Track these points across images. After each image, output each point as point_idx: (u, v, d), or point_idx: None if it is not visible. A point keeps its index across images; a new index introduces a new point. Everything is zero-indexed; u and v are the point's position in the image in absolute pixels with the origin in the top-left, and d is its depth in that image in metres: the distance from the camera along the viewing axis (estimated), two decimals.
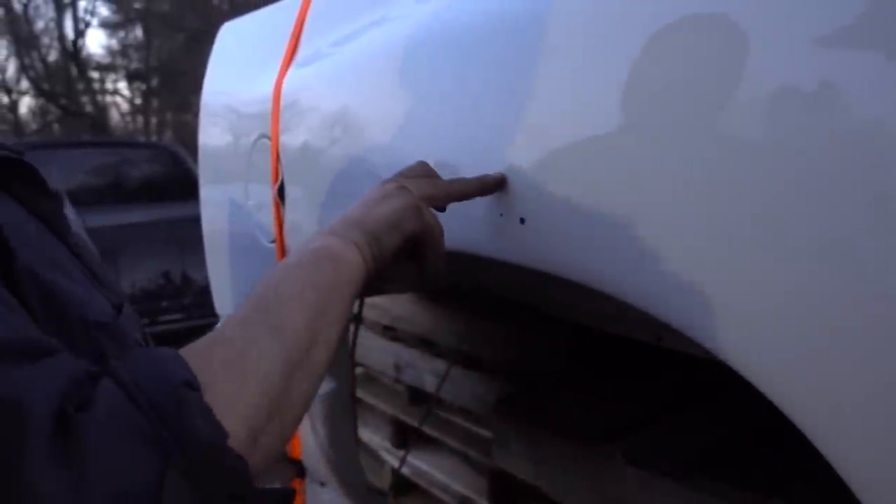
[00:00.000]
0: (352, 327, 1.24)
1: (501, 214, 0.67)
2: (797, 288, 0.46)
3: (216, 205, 1.27)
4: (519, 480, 1.01)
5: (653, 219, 0.54)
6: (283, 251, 1.03)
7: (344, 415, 1.32)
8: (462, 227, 0.72)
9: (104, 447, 0.37)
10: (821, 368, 0.46)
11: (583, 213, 0.59)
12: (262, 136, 1.07)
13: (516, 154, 0.65)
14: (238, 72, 1.23)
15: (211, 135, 1.28)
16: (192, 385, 0.42)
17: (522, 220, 0.64)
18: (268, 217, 1.06)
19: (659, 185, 0.53)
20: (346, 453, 1.31)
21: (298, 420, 0.53)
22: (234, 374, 0.47)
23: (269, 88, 1.05)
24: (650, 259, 0.54)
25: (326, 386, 1.27)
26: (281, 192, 1.01)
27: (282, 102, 1.02)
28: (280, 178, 1.01)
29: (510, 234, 0.66)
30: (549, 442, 0.92)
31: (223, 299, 1.32)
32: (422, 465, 1.40)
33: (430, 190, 0.67)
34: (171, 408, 0.40)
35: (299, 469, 1.28)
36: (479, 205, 0.69)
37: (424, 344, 1.41)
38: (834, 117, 0.44)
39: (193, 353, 0.47)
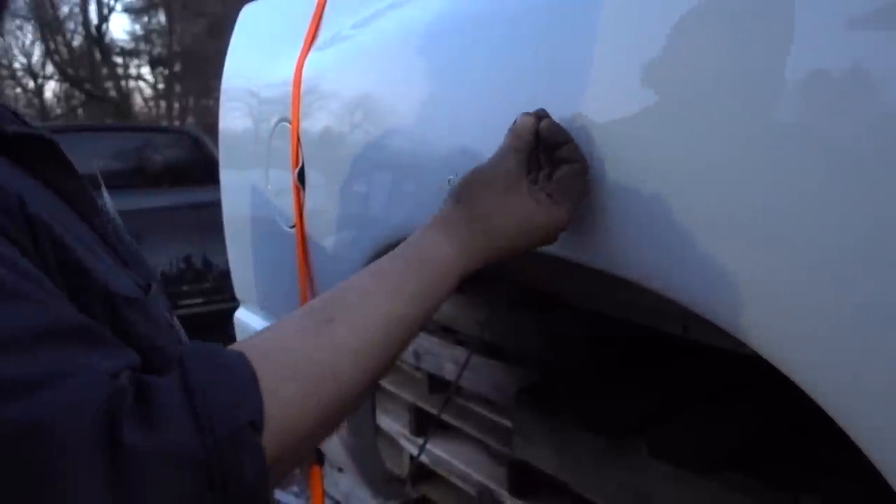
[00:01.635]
0: None
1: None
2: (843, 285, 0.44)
3: (236, 189, 1.27)
4: (539, 471, 1.00)
5: (688, 209, 0.52)
6: (302, 236, 1.02)
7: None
8: None
9: (155, 467, 0.38)
10: (863, 363, 0.44)
11: (613, 201, 0.57)
12: (283, 119, 1.05)
13: None
14: (259, 55, 1.22)
15: (231, 119, 1.27)
16: (256, 426, 0.43)
17: None
18: (287, 202, 1.04)
19: (699, 174, 0.51)
20: (363, 440, 1.30)
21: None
22: (298, 395, 0.47)
23: (289, 72, 1.04)
24: (685, 249, 0.52)
25: None
26: (301, 177, 1.00)
27: (303, 86, 1.00)
28: (300, 162, 1.00)
29: None
30: (571, 433, 0.90)
31: (243, 284, 1.32)
32: (441, 453, 1.39)
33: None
34: (230, 446, 0.41)
35: (318, 455, 1.28)
36: None
37: (445, 332, 1.40)
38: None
39: (262, 358, 0.46)
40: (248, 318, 1.29)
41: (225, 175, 1.33)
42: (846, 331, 0.44)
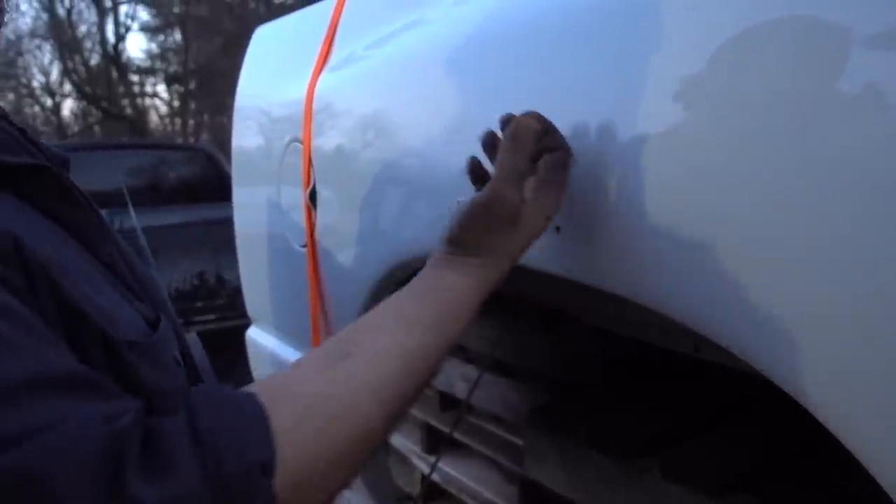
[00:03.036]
0: None
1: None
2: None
3: (248, 207, 1.28)
4: (550, 490, 0.99)
5: (691, 234, 0.52)
6: (314, 255, 1.02)
7: None
8: None
9: None
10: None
11: (620, 223, 0.57)
12: (294, 139, 1.06)
13: None
14: (272, 75, 1.23)
15: (244, 137, 1.29)
16: (266, 469, 0.41)
17: (558, 229, 0.62)
18: (299, 220, 1.05)
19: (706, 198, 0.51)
20: (373, 458, 1.30)
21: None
22: (313, 434, 0.45)
23: (301, 92, 1.05)
24: (688, 273, 0.51)
25: None
26: (312, 197, 1.01)
27: (314, 106, 1.01)
28: (312, 182, 1.01)
29: (546, 243, 0.64)
30: (584, 454, 0.90)
31: (255, 302, 1.32)
32: (452, 471, 1.38)
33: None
34: (239, 489, 0.39)
35: None
36: None
37: (456, 350, 1.39)
38: None
39: (274, 398, 0.45)
40: (260, 337, 1.30)
41: (237, 192, 1.34)
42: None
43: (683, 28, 0.53)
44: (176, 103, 17.34)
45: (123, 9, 15.83)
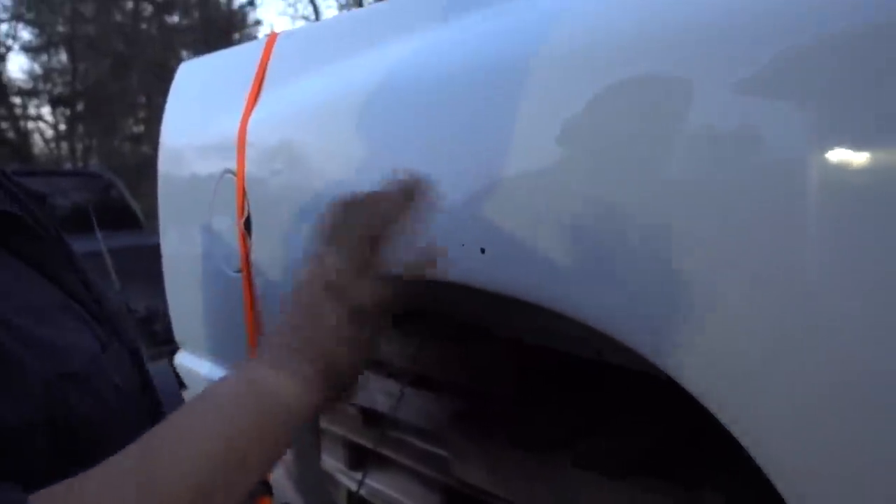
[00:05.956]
0: None
1: (463, 245, 0.75)
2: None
3: (178, 235, 1.32)
4: (469, 495, 1.09)
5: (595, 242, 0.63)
6: (249, 280, 1.09)
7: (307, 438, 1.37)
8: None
9: None
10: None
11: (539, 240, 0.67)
12: (228, 171, 1.13)
13: (470, 188, 0.74)
14: (200, 109, 1.29)
15: (172, 167, 1.33)
16: None
17: (483, 251, 0.72)
18: (233, 247, 1.11)
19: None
20: (308, 474, 1.35)
21: None
22: None
23: (233, 126, 1.12)
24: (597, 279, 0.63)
25: None
26: (247, 224, 1.07)
27: (248, 140, 1.08)
28: (246, 211, 1.07)
29: (471, 262, 0.74)
30: (505, 453, 1.00)
31: (184, 327, 1.36)
32: (377, 485, 1.45)
33: (355, 260, 0.58)
34: None
35: (266, 487, 1.32)
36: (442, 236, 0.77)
37: (375, 365, 1.47)
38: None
39: None
40: (191, 363, 1.34)
41: (165, 221, 1.38)
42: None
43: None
44: (62, 126, 16.55)
45: (2, 27, 15.03)
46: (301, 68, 1.06)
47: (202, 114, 1.28)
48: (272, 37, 1.15)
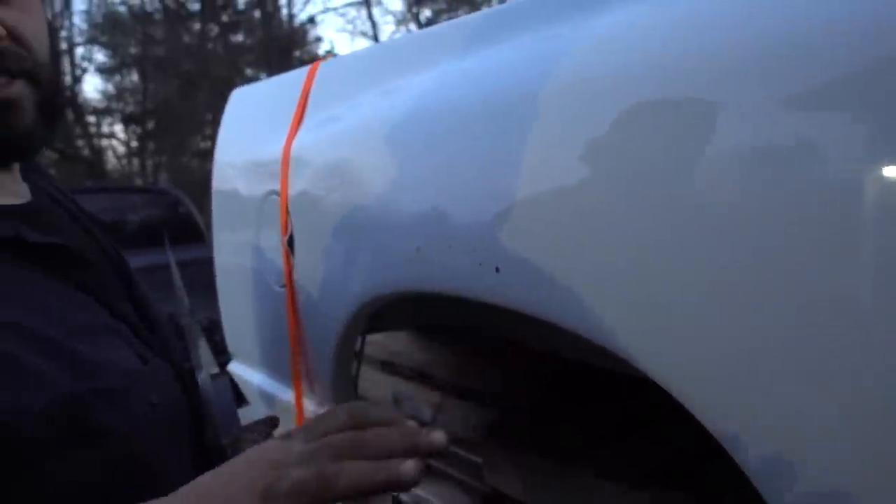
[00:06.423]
0: (354, 364, 1.35)
1: (480, 264, 0.79)
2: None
3: (229, 249, 1.41)
4: (508, 498, 1.12)
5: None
6: (292, 295, 1.16)
7: None
8: (447, 273, 0.84)
9: None
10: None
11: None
12: (273, 192, 1.20)
13: (492, 210, 0.78)
14: (249, 133, 1.38)
15: (224, 185, 1.42)
16: None
17: (498, 269, 0.76)
18: (278, 263, 1.18)
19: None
20: None
21: None
22: None
23: (278, 149, 1.19)
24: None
25: None
26: (291, 242, 1.14)
27: (291, 162, 1.15)
28: (290, 229, 1.14)
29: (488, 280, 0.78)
30: (533, 462, 1.03)
31: (236, 338, 1.44)
32: (418, 491, 1.49)
33: (315, 462, 0.49)
34: None
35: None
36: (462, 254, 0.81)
37: (421, 377, 1.52)
38: None
39: None
40: (244, 372, 1.42)
41: (218, 235, 1.47)
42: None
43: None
44: (134, 143, 17.27)
45: (79, 51, 15.83)
46: (341, 95, 1.13)
47: (251, 137, 1.36)
48: (314, 66, 1.22)
